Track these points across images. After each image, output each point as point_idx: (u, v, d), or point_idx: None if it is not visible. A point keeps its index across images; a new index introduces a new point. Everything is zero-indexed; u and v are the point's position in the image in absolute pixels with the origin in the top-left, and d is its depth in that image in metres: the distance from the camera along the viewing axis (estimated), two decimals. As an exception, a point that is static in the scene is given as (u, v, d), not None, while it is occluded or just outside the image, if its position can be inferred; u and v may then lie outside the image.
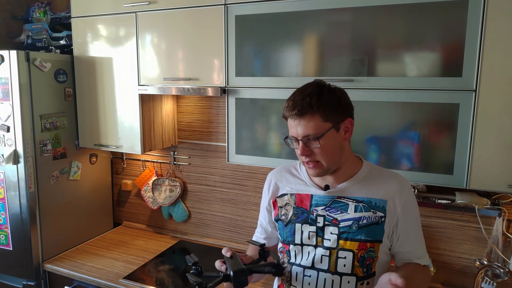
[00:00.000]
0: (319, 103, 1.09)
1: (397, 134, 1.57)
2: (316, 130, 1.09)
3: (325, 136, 1.10)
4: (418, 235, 1.22)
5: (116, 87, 2.11)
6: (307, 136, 1.10)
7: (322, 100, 1.09)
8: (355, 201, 1.17)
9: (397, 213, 1.16)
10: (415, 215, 1.21)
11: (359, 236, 1.14)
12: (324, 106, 1.09)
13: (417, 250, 1.21)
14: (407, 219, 1.17)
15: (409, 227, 1.18)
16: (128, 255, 2.19)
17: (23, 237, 2.04)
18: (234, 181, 2.28)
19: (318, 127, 1.09)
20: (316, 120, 1.09)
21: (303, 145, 1.12)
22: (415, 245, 1.21)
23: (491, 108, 1.41)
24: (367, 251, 1.14)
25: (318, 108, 1.09)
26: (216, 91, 1.81)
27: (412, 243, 1.20)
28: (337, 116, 1.12)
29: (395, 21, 1.53)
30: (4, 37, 2.45)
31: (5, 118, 1.98)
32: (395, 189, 1.17)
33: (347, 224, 1.15)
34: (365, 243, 1.14)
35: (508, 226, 1.71)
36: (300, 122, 1.10)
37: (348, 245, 1.14)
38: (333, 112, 1.11)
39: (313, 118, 1.09)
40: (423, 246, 1.23)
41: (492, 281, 1.67)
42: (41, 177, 2.07)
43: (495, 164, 1.43)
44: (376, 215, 1.15)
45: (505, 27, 1.36)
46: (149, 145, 2.16)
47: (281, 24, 1.69)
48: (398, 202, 1.16)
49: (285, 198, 1.27)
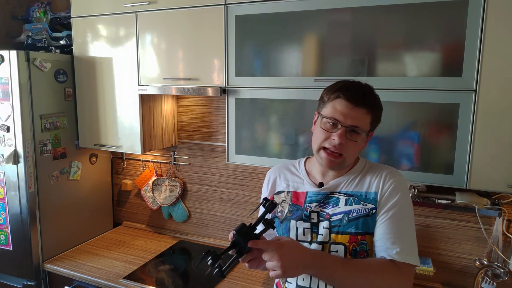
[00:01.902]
0: (376, 106, 1.15)
1: (397, 134, 1.57)
2: (365, 127, 1.13)
3: (363, 135, 1.13)
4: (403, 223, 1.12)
5: (116, 87, 2.11)
6: (354, 127, 1.11)
7: (378, 105, 1.16)
8: (346, 195, 1.18)
9: (380, 199, 1.14)
10: (400, 200, 1.12)
11: (350, 229, 1.14)
12: (377, 112, 1.16)
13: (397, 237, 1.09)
14: (390, 203, 1.12)
15: (391, 210, 1.11)
16: (128, 255, 2.19)
17: (23, 237, 2.04)
18: (234, 181, 2.28)
19: (366, 125, 1.13)
20: (367, 118, 1.13)
21: (343, 132, 1.10)
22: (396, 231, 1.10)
23: (491, 108, 1.41)
24: (359, 243, 1.14)
25: (375, 110, 1.14)
26: (216, 91, 1.81)
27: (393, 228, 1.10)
28: (374, 125, 1.18)
29: (395, 21, 1.53)
30: (4, 37, 2.45)
31: (5, 118, 1.98)
32: (382, 178, 1.16)
33: (338, 218, 1.16)
34: (356, 236, 1.14)
35: (508, 226, 1.71)
36: (356, 111, 1.10)
37: (339, 238, 1.15)
38: (376, 121, 1.17)
39: (368, 115, 1.12)
40: (408, 237, 1.11)
41: (492, 281, 1.67)
42: (41, 177, 2.07)
43: (495, 164, 1.43)
44: (366, 207, 1.15)
45: (505, 27, 1.36)
46: (149, 145, 2.16)
47: (281, 24, 1.69)
48: (383, 189, 1.15)
49: (282, 195, 1.28)
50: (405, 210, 1.14)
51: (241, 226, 1.05)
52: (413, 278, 1.11)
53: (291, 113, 1.76)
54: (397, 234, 1.10)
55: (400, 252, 1.08)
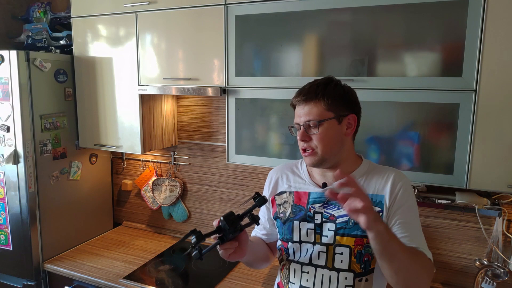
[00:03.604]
0: (324, 91, 1.15)
1: (397, 134, 1.57)
2: (317, 117, 1.14)
3: (325, 123, 1.14)
4: (415, 224, 1.15)
5: (116, 87, 2.11)
6: (308, 121, 1.15)
7: (328, 90, 1.16)
8: None
9: (392, 204, 1.14)
10: (410, 203, 1.15)
11: (356, 231, 1.14)
12: (329, 96, 1.15)
13: (413, 237, 1.11)
14: (402, 206, 1.14)
15: (403, 213, 1.13)
16: (128, 255, 2.19)
17: (23, 237, 2.04)
18: (234, 181, 2.28)
19: (320, 114, 1.15)
20: (319, 107, 1.15)
21: (303, 130, 1.16)
22: (411, 232, 1.12)
23: (491, 108, 1.41)
24: (364, 246, 1.14)
25: (323, 96, 1.15)
26: (216, 91, 1.81)
27: (408, 228, 1.12)
28: (340, 108, 1.16)
29: (395, 21, 1.53)
30: (4, 37, 2.45)
31: (5, 118, 1.98)
32: (390, 181, 1.17)
33: (344, 220, 1.16)
34: (362, 239, 1.14)
35: (508, 226, 1.71)
36: (304, 108, 1.16)
37: (345, 240, 1.15)
38: (337, 104, 1.15)
39: (317, 105, 1.15)
40: (421, 237, 1.14)
41: (492, 281, 1.67)
42: (41, 177, 2.07)
43: (495, 164, 1.43)
44: None
45: (505, 27, 1.36)
46: (149, 145, 2.16)
47: (281, 24, 1.69)
48: (393, 193, 1.15)
49: (283, 196, 1.28)
50: (415, 211, 1.17)
51: (229, 214, 1.06)
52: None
53: (291, 113, 1.74)
54: (412, 235, 1.12)
55: (420, 248, 1.10)
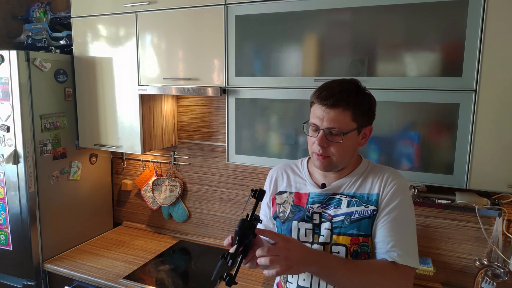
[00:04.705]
0: (355, 101, 1.11)
1: (397, 134, 1.57)
2: (342, 126, 1.11)
3: (348, 134, 1.11)
4: (404, 225, 1.12)
5: (116, 87, 2.11)
6: (330, 128, 1.11)
7: (358, 100, 1.12)
8: (348, 197, 1.18)
9: (381, 202, 1.14)
10: (401, 203, 1.12)
11: (351, 230, 1.14)
12: (358, 107, 1.11)
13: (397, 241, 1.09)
14: (391, 205, 1.12)
15: (392, 212, 1.11)
16: (128, 255, 2.19)
17: (23, 237, 2.04)
18: (234, 181, 2.28)
19: (345, 124, 1.11)
20: (346, 116, 1.10)
21: (323, 136, 1.12)
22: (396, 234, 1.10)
23: (491, 108, 1.41)
24: (360, 245, 1.14)
25: (353, 106, 1.10)
26: (216, 91, 1.81)
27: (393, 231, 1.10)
28: (363, 119, 1.14)
29: (395, 21, 1.53)
30: (4, 37, 2.45)
31: (5, 118, 1.98)
32: (384, 180, 1.16)
33: (340, 219, 1.16)
34: (357, 237, 1.14)
35: (508, 226, 1.71)
36: (330, 113, 1.10)
37: (341, 239, 1.15)
38: (362, 115, 1.13)
39: (344, 113, 1.10)
40: (409, 240, 1.11)
41: (492, 281, 1.67)
42: (41, 177, 2.07)
43: (495, 164, 1.43)
44: (368, 209, 1.15)
45: (505, 27, 1.36)
46: (149, 145, 2.16)
47: (281, 24, 1.69)
48: (384, 191, 1.15)
49: (284, 195, 1.28)
50: (406, 212, 1.14)
51: (242, 221, 1.02)
52: (413, 280, 1.12)
53: (291, 113, 1.76)
54: (398, 237, 1.10)
55: (401, 254, 1.08)
